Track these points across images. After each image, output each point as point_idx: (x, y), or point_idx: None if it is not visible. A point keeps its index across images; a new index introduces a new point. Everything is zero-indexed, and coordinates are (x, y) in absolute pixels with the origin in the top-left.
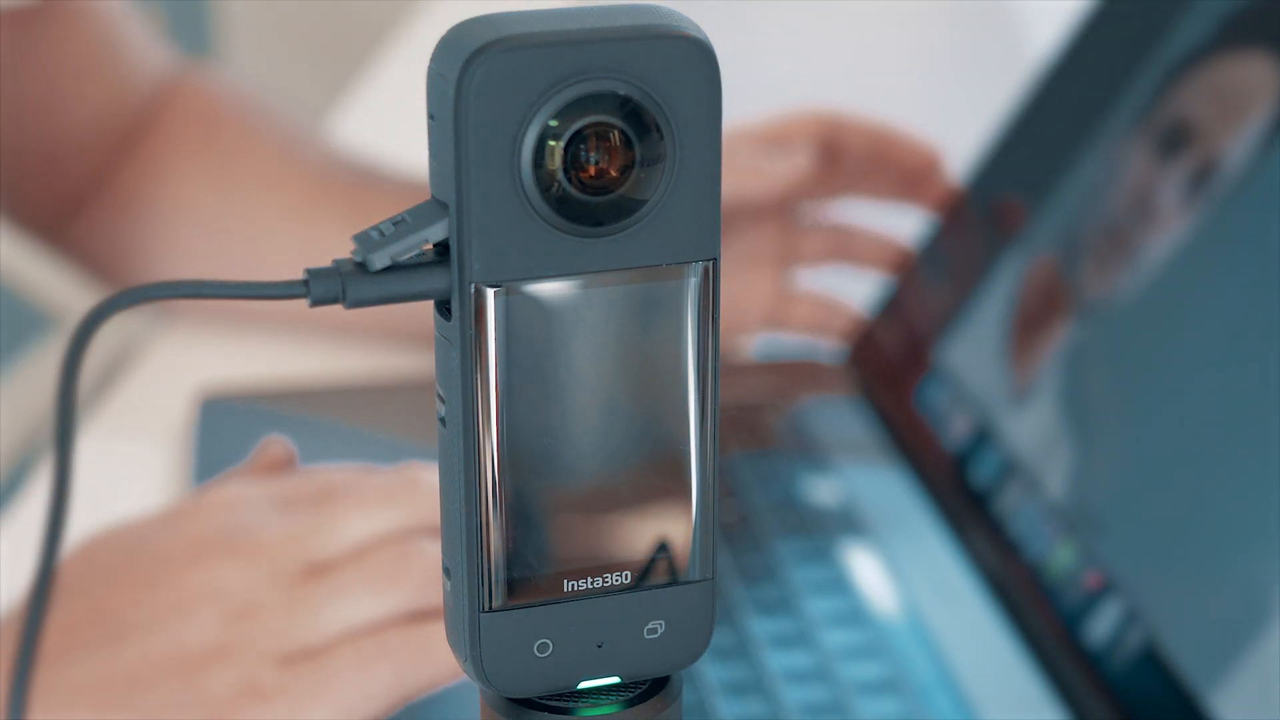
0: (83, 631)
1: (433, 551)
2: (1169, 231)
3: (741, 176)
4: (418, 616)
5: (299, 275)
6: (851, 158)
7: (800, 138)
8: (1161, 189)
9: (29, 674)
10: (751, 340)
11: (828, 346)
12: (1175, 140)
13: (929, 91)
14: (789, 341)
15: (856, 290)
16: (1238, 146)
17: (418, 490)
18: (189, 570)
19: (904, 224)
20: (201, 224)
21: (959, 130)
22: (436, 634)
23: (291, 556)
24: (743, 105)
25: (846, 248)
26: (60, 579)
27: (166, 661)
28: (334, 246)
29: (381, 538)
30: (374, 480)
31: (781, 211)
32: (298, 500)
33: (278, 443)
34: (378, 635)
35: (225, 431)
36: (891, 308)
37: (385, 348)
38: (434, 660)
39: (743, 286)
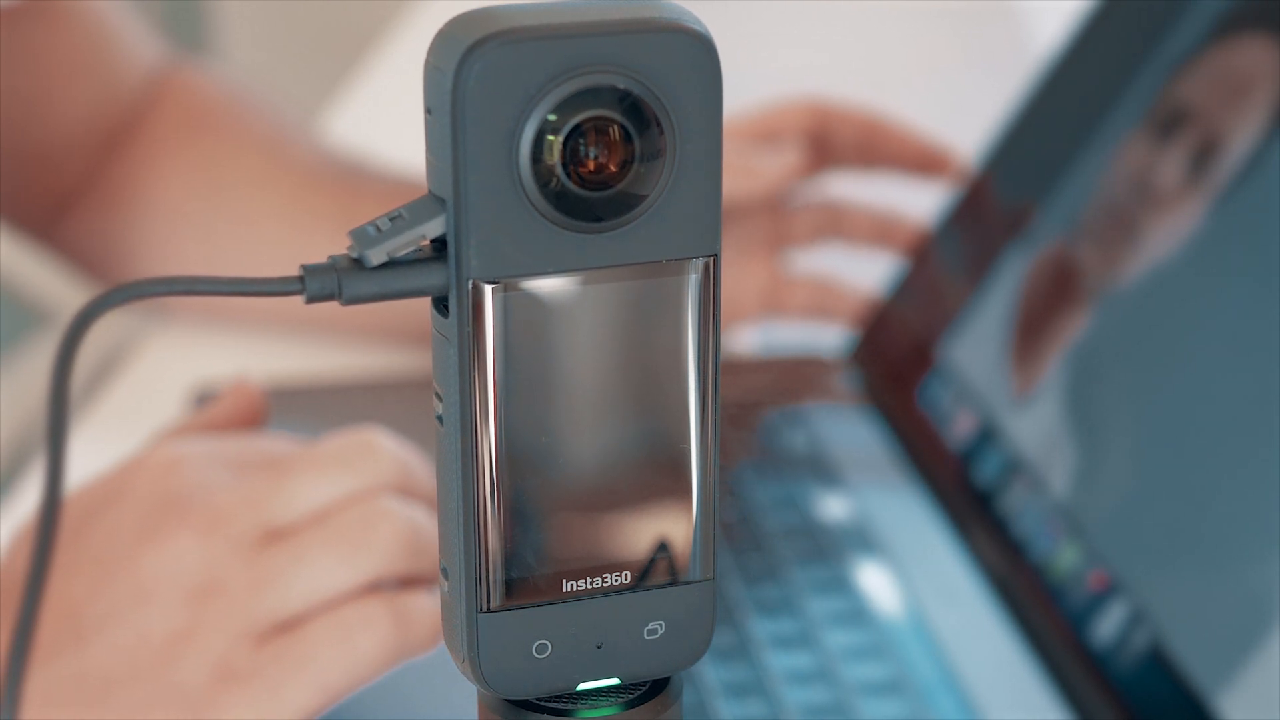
0: (45, 632)
1: (400, 512)
2: (1173, 219)
3: (732, 177)
4: (393, 582)
5: (292, 273)
6: (843, 147)
7: (789, 132)
8: (1162, 169)
9: (19, 682)
10: (751, 331)
11: (829, 340)
12: (1176, 122)
13: (934, 88)
14: (790, 339)
15: (855, 271)
16: (1241, 131)
17: (375, 453)
18: (141, 547)
19: (907, 215)
20: (190, 223)
21: (964, 126)
22: (415, 600)
23: (247, 522)
24: (744, 101)
25: (838, 225)
26: (6, 579)
27: (135, 655)
28: (323, 246)
29: (343, 500)
30: (328, 444)
31: (773, 206)
32: (246, 463)
33: (245, 388)
34: (355, 604)
35: None
36: (894, 305)
37: (381, 345)
38: (416, 626)
39: (738, 276)
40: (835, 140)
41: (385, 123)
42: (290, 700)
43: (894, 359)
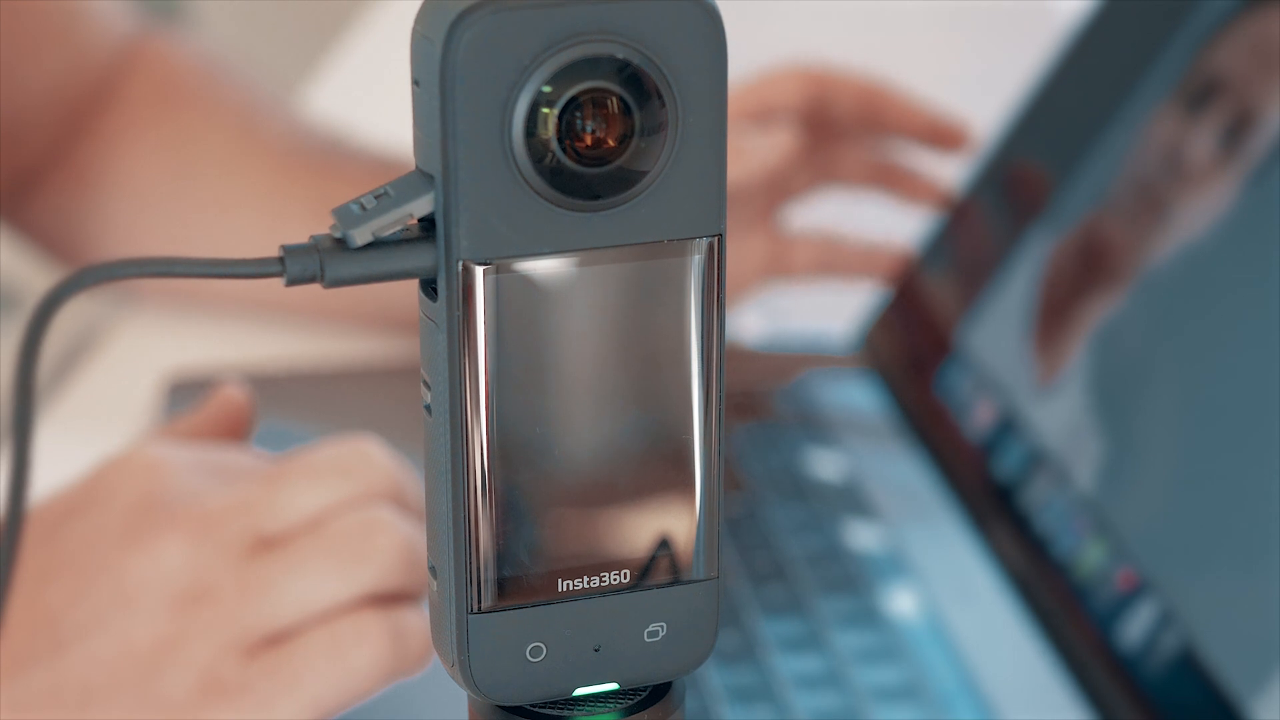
0: (21, 640)
1: (397, 524)
2: (1205, 196)
3: None
4: (388, 597)
5: (269, 254)
6: (844, 116)
7: (783, 108)
8: (1194, 145)
9: None
10: (757, 318)
11: (839, 326)
12: (1208, 94)
13: (953, 58)
14: (799, 328)
15: (862, 225)
16: (1276, 102)
17: (370, 462)
18: (124, 551)
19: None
20: (160, 204)
21: (985, 99)
22: (411, 615)
23: (238, 528)
24: (736, 71)
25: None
26: None
27: (116, 664)
28: (299, 230)
29: (337, 508)
30: (322, 451)
31: (768, 188)
32: (235, 469)
33: (231, 395)
34: (350, 618)
35: None
36: (908, 290)
37: (365, 331)
38: (412, 642)
39: (736, 248)
40: (835, 110)
41: (369, 96)
42: (280, 717)
43: (909, 345)
